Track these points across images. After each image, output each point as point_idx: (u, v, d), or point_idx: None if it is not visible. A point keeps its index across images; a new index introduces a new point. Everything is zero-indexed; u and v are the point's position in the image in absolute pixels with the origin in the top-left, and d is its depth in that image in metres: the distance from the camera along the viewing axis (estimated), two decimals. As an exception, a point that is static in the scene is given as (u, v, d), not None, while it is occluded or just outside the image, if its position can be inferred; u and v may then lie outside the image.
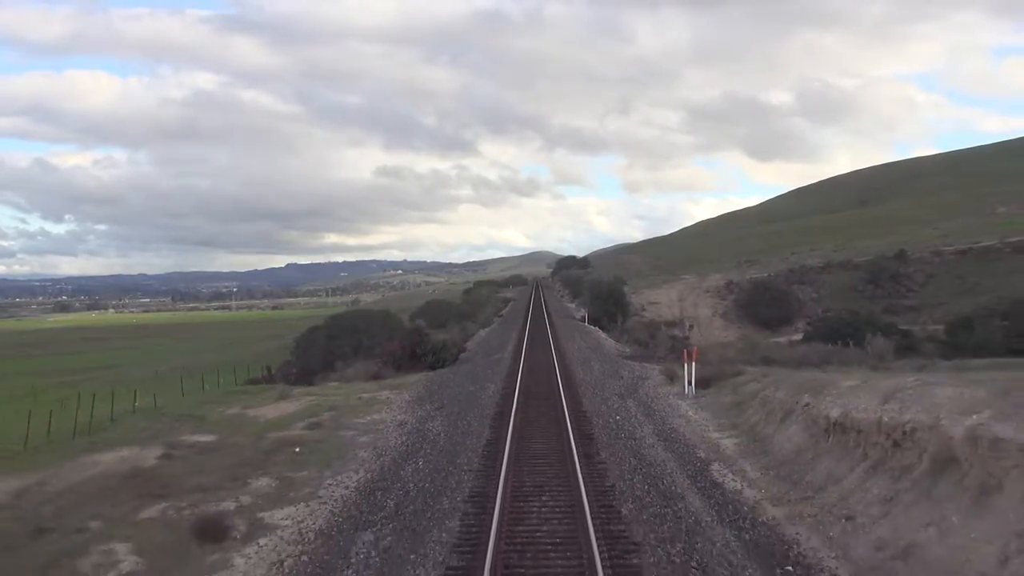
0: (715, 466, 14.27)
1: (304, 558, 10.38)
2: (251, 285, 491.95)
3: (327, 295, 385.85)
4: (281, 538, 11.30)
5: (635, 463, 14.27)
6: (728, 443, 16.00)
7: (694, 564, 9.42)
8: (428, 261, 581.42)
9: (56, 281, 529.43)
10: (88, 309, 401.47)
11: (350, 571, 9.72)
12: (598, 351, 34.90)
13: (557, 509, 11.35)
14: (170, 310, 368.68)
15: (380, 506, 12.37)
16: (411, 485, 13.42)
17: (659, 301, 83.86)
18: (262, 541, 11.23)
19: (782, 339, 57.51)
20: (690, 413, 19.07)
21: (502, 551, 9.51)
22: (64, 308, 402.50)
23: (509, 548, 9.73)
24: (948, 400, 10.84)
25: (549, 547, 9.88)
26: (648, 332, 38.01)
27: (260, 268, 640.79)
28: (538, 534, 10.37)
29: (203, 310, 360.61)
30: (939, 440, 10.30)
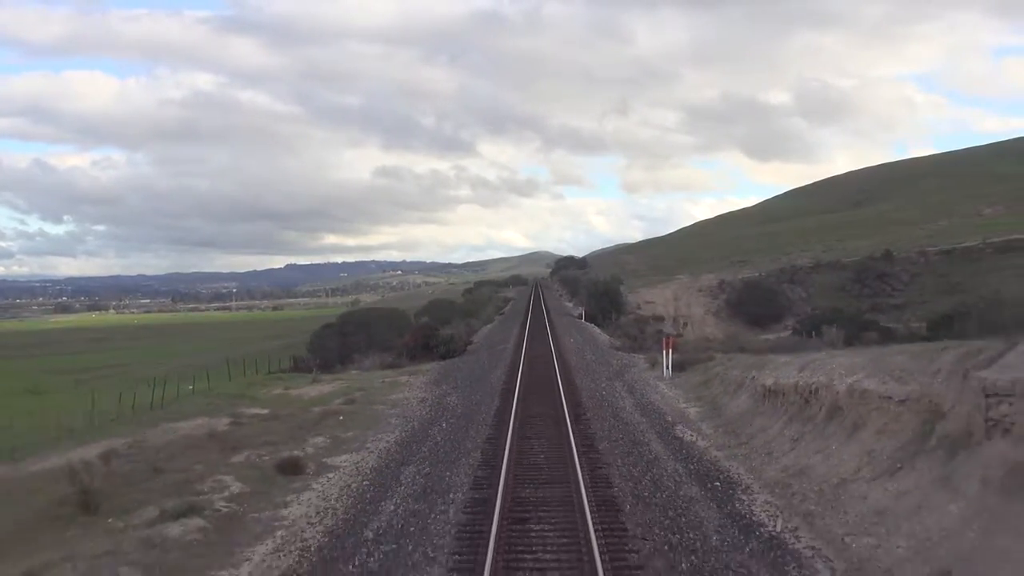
0: (679, 427, 18.10)
1: (365, 483, 14.20)
2: (250, 286, 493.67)
3: (327, 295, 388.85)
4: (344, 472, 15.13)
5: (614, 423, 18.12)
6: (692, 410, 19.85)
7: (648, 479, 13.26)
8: (427, 261, 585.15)
9: (56, 282, 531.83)
10: (89, 310, 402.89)
11: (402, 488, 13.54)
12: (592, 344, 38.80)
13: (551, 446, 15.19)
14: (170, 311, 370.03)
15: (416, 452, 16.21)
16: (439, 438, 17.28)
17: (654, 300, 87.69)
18: (330, 475, 15.05)
19: (771, 336, 61.38)
20: (665, 390, 22.94)
21: (512, 468, 13.36)
22: (65, 309, 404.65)
23: (518, 467, 13.57)
24: (840, 366, 14.72)
25: (545, 467, 13.74)
26: (638, 327, 41.76)
27: (259, 269, 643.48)
28: (537, 460, 14.21)
29: (203, 311, 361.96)
30: (831, 395, 14.19)
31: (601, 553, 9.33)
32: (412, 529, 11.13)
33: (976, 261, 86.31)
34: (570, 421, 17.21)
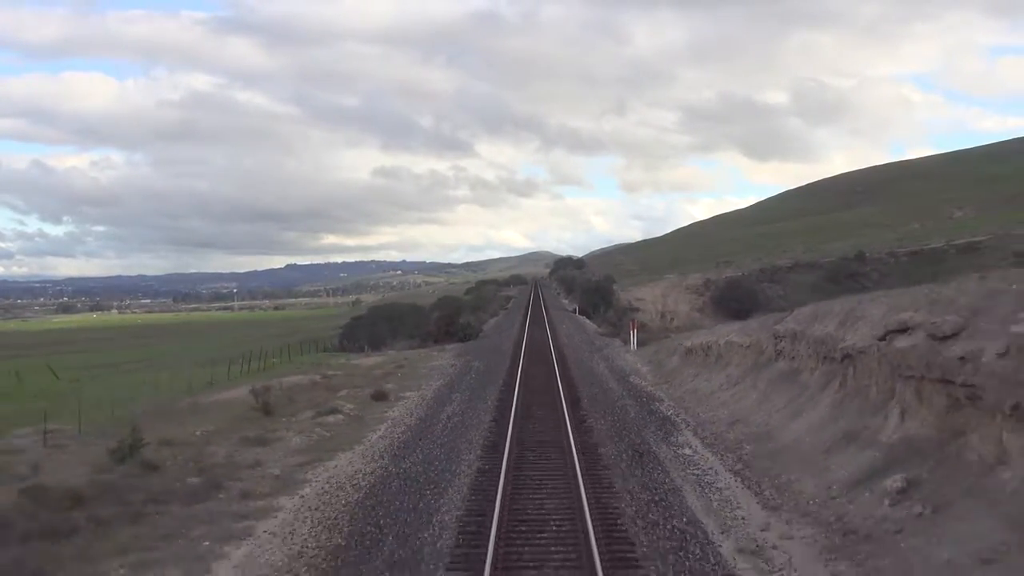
0: (632, 376, 27.29)
1: (428, 402, 23.35)
2: (251, 286, 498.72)
3: (327, 295, 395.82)
4: (413, 399, 24.30)
5: (589, 375, 27.33)
6: (643, 368, 29.07)
7: (601, 395, 22.47)
8: (427, 261, 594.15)
9: (56, 282, 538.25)
10: (91, 310, 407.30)
11: (452, 406, 22.66)
12: (581, 330, 48.08)
13: (545, 387, 24.34)
14: (172, 311, 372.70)
15: (457, 388, 25.41)
16: (471, 381, 26.51)
17: (644, 298, 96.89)
18: (404, 401, 24.21)
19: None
20: (628, 357, 32.16)
21: (521, 392, 22.53)
22: (67, 309, 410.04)
23: (525, 393, 22.72)
24: (726, 332, 23.97)
25: (542, 392, 22.93)
26: (617, 316, 50.82)
27: (259, 269, 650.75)
28: (537, 391, 23.35)
29: (205, 311, 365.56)
30: (716, 347, 23.45)
31: (571, 421, 18.39)
32: (464, 423, 20.26)
33: (940, 262, 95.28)
34: (559, 374, 26.35)
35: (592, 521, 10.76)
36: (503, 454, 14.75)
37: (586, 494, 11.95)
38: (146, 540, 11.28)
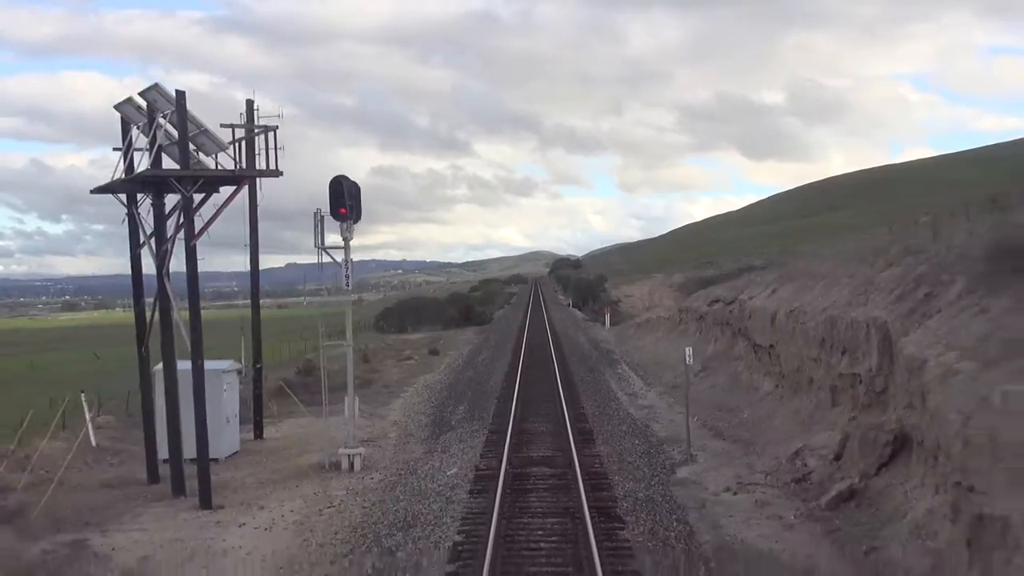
0: (600, 342, 40.97)
1: (467, 355, 37.06)
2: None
3: (328, 295, 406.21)
4: (456, 353, 38.06)
5: (571, 341, 41.04)
6: (609, 336, 42.83)
7: (577, 350, 36.21)
8: (427, 261, 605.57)
9: (57, 281, 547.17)
10: (95, 308, 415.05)
11: (483, 355, 36.27)
12: (571, 318, 61.85)
13: (541, 349, 38.00)
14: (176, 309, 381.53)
15: (483, 349, 39.16)
16: (493, 346, 40.26)
17: (633, 294, 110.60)
18: (451, 355, 37.92)
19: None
20: (601, 332, 45.90)
21: (526, 352, 36.20)
22: (71, 307, 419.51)
23: (528, 351, 36.37)
24: (663, 309, 37.75)
25: (540, 351, 36.64)
26: (601, 307, 64.39)
27: (260, 268, 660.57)
28: (536, 351, 37.00)
29: (207, 309, 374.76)
30: (652, 321, 37.23)
31: (556, 362, 31.88)
32: (492, 363, 33.87)
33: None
34: (551, 341, 39.97)
35: (564, 395, 24.19)
36: (517, 376, 28.20)
37: (562, 389, 25.31)
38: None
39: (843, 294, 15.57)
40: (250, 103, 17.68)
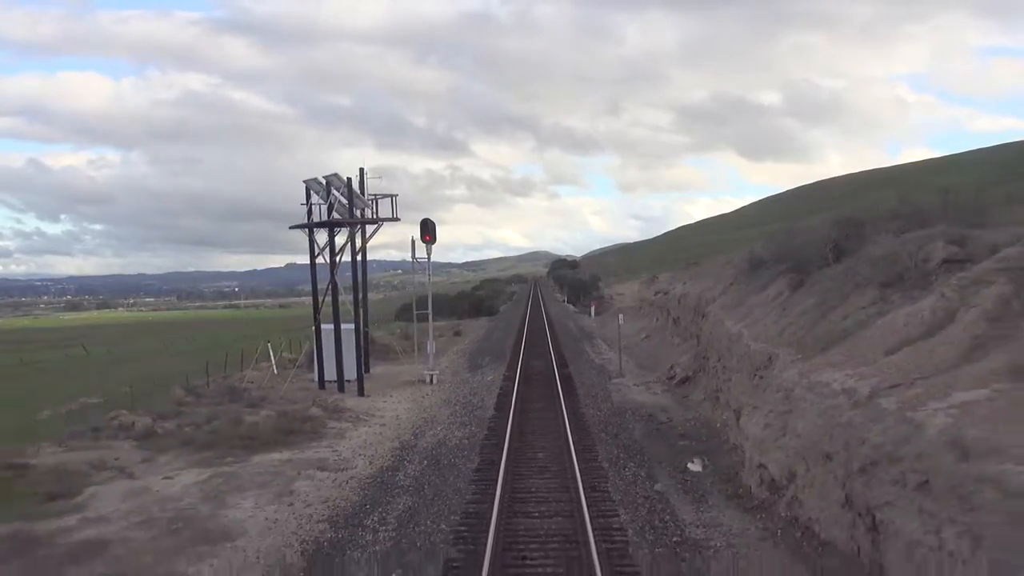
0: (586, 327, 53.77)
1: (483, 335, 49.88)
2: (252, 285, 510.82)
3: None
4: (475, 333, 50.90)
5: (563, 327, 53.85)
6: (592, 323, 55.64)
7: (566, 331, 49.03)
8: (424, 261, 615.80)
9: (57, 280, 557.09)
10: (97, 308, 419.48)
11: (496, 334, 49.03)
12: (565, 310, 74.65)
13: (539, 332, 50.76)
14: (178, 309, 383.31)
15: (494, 331, 52.01)
16: (502, 329, 53.09)
17: (624, 292, 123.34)
18: (471, 335, 50.74)
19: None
20: (587, 320, 58.70)
21: (527, 332, 48.96)
22: (75, 307, 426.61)
23: (529, 334, 49.12)
24: (634, 300, 50.60)
25: (538, 333, 49.42)
26: (590, 301, 77.23)
27: (259, 268, 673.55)
28: (535, 332, 49.76)
29: (211, 309, 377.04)
30: (626, 309, 50.11)
31: (550, 339, 44.63)
32: (503, 338, 46.68)
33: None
34: (547, 327, 52.74)
35: (554, 353, 36.97)
36: (522, 345, 40.95)
37: (553, 349, 38.16)
38: (400, 360, 37.77)
39: (707, 284, 28.37)
40: (362, 171, 30.31)
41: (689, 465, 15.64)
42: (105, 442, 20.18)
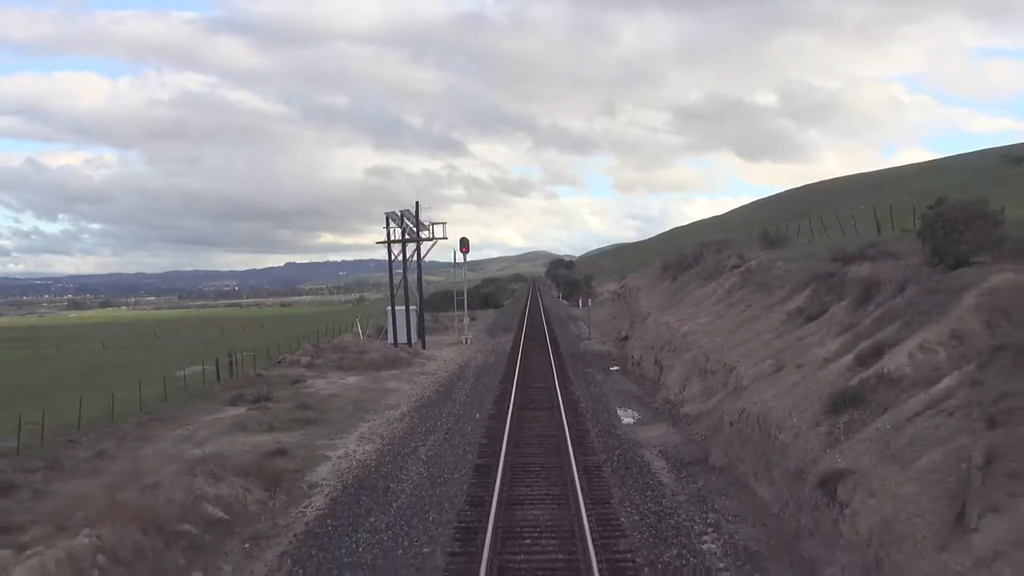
0: (573, 315, 70.31)
1: (493, 320, 66.43)
2: (251, 284, 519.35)
3: (330, 293, 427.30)
4: (486, 319, 67.44)
5: (555, 315, 70.48)
6: (579, 311, 72.21)
7: (557, 316, 65.62)
8: (426, 260, 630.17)
9: (57, 279, 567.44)
10: (101, 307, 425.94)
11: (502, 319, 65.50)
12: (558, 303, 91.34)
13: (536, 317, 67.27)
14: (182, 307, 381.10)
15: (503, 316, 68.71)
16: (508, 315, 69.75)
17: (612, 289, 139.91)
18: (483, 321, 67.28)
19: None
20: (575, 309, 75.29)
21: (528, 315, 65.48)
22: (78, 306, 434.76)
23: (530, 318, 65.60)
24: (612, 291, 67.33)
25: (536, 318, 65.98)
26: (579, 295, 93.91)
27: (259, 267, 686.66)
28: (534, 317, 66.22)
29: (214, 307, 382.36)
30: (606, 299, 66.75)
31: (545, 321, 61.06)
32: (509, 320, 63.21)
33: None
34: (543, 314, 69.21)
35: (547, 328, 53.42)
36: (522, 332, 57.32)
37: (547, 326, 54.59)
38: (439, 333, 54.17)
39: (641, 281, 44.84)
40: (417, 204, 46.59)
41: (610, 368, 32.10)
42: (289, 368, 36.53)
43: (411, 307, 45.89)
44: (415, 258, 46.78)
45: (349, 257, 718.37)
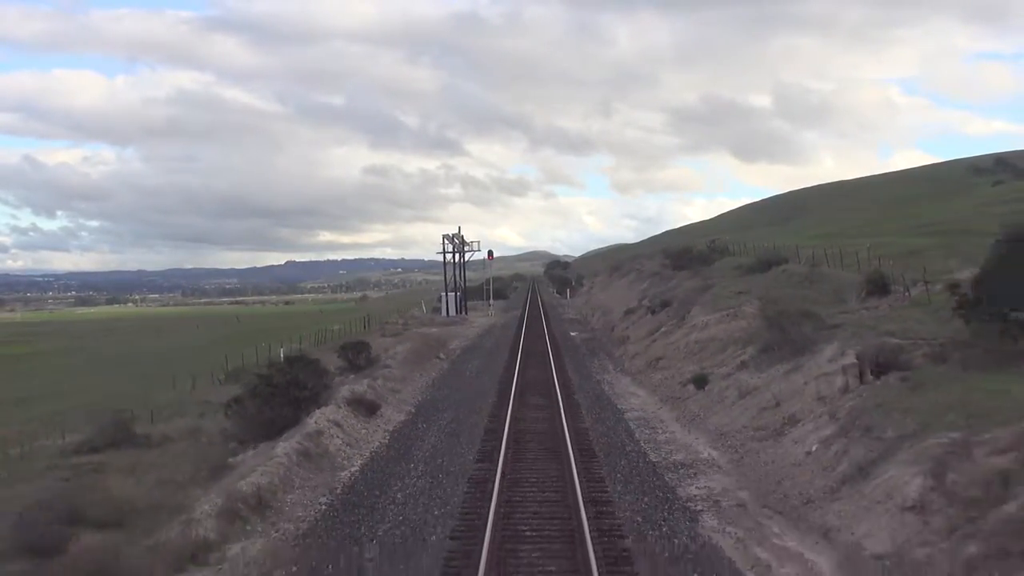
0: (563, 303, 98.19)
1: (506, 307, 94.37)
2: (252, 282, 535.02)
3: (331, 292, 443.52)
4: (497, 308, 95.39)
5: (549, 304, 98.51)
6: (567, 300, 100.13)
7: (555, 311, 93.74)
8: (425, 259, 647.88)
9: (58, 276, 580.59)
10: (107, 303, 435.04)
11: (509, 304, 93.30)
12: (553, 296, 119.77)
13: (535, 307, 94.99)
14: (186, 305, 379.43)
15: (511, 304, 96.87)
16: (514, 304, 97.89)
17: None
18: (495, 307, 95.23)
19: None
20: (565, 301, 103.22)
21: (530, 303, 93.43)
22: (84, 302, 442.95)
23: (529, 307, 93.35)
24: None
25: (534, 307, 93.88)
26: (572, 290, 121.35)
27: (259, 265, 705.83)
28: (533, 307, 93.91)
29: (217, 305, 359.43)
30: (586, 292, 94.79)
31: (542, 307, 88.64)
32: (517, 299, 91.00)
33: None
34: (541, 305, 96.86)
35: (544, 310, 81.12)
36: (525, 309, 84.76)
37: (543, 309, 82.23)
38: (471, 312, 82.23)
39: (603, 279, 72.83)
40: (461, 236, 74.66)
41: (572, 319, 59.97)
42: (375, 336, 64.13)
43: (455, 293, 73.42)
44: (453, 261, 74.75)
45: (349, 256, 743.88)
